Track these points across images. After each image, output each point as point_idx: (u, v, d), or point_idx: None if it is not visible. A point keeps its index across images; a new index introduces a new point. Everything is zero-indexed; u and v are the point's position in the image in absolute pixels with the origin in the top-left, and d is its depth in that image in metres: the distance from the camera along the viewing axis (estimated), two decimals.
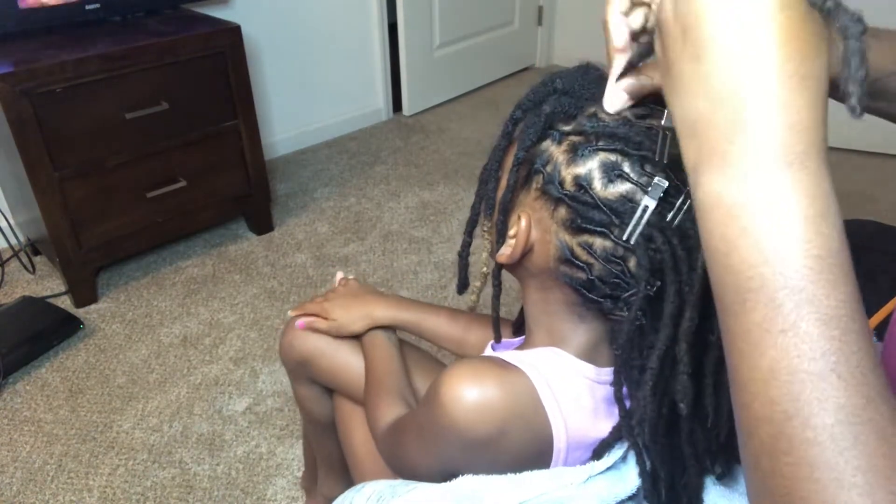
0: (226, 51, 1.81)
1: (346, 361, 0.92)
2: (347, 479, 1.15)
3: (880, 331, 0.62)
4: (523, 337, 0.69)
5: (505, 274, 0.64)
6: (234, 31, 1.81)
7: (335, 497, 1.16)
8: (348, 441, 0.95)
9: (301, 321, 0.93)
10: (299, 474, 1.32)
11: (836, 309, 0.32)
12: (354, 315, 0.90)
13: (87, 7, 1.76)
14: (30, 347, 1.61)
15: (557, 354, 0.58)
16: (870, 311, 0.65)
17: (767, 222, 0.33)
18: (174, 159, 1.82)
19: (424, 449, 0.61)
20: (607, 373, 0.58)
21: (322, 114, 2.74)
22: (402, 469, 0.68)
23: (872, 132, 2.45)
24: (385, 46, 2.81)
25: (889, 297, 0.65)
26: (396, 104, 2.97)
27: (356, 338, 0.92)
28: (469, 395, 0.55)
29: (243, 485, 1.31)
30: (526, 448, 0.56)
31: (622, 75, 0.49)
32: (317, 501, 1.21)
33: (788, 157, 0.33)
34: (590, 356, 0.59)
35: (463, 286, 0.67)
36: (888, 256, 0.86)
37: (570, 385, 0.57)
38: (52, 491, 1.30)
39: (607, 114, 0.52)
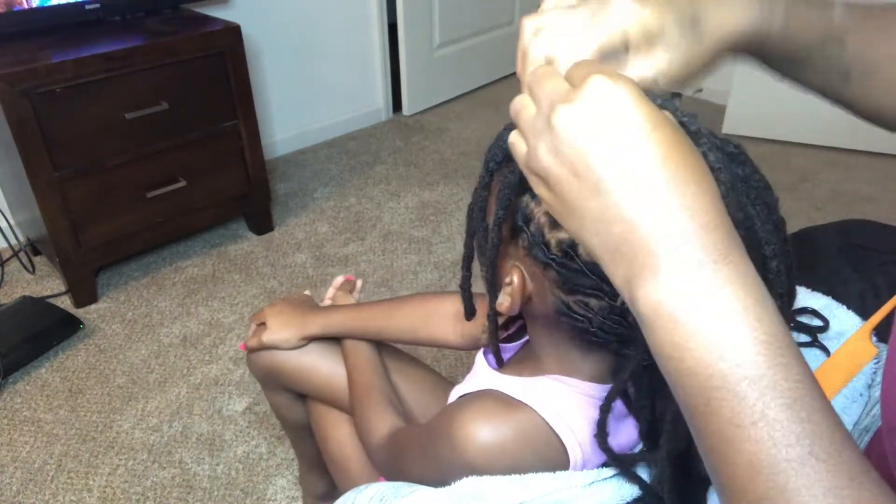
0: (226, 51, 1.81)
1: (313, 364, 0.92)
2: (329, 475, 1.16)
3: (880, 331, 0.62)
4: (523, 340, 0.69)
5: None
6: (234, 31, 1.81)
7: (319, 492, 1.17)
8: (325, 445, 0.94)
9: (241, 343, 0.94)
10: (299, 474, 1.32)
11: (796, 390, 0.33)
12: (288, 330, 0.91)
13: (87, 7, 1.76)
14: (30, 347, 1.61)
15: (560, 381, 0.58)
16: (870, 311, 0.65)
17: (711, 319, 0.34)
18: (174, 159, 1.82)
19: (430, 469, 0.62)
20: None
21: (322, 114, 2.74)
22: (403, 480, 0.68)
23: (872, 132, 2.44)
24: (385, 46, 2.81)
25: (888, 297, 0.65)
26: (396, 104, 2.97)
27: (326, 342, 0.93)
28: (482, 436, 0.55)
29: (243, 485, 1.31)
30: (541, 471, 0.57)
31: None
32: (306, 501, 1.21)
33: (712, 255, 0.35)
34: (598, 379, 0.58)
35: (471, 314, 0.65)
36: (888, 256, 0.86)
37: (577, 408, 0.57)
38: (52, 491, 1.30)
39: None
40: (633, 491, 0.56)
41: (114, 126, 1.68)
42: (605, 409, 0.54)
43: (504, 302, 0.55)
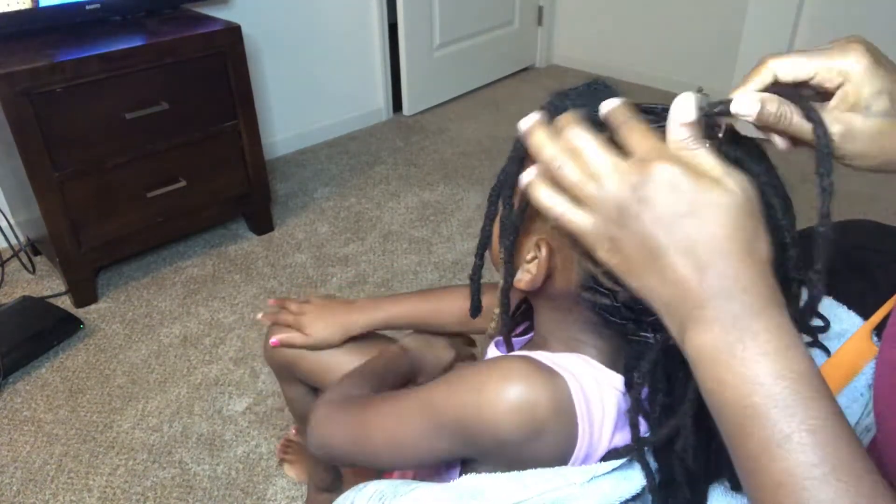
0: (226, 51, 1.81)
1: (329, 360, 0.92)
2: (334, 467, 1.16)
3: (880, 331, 0.62)
4: (530, 336, 0.68)
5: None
6: (234, 31, 1.81)
7: (324, 484, 1.18)
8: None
9: (275, 339, 0.93)
10: (307, 466, 1.32)
11: (820, 420, 0.38)
12: (331, 329, 0.91)
13: (87, 7, 1.76)
14: (30, 347, 1.61)
15: (588, 362, 0.57)
16: (870, 311, 0.65)
17: (744, 360, 0.39)
18: (174, 159, 1.82)
19: (415, 431, 0.59)
20: None
21: (322, 114, 2.74)
22: (329, 445, 0.66)
23: None
24: (385, 46, 2.81)
25: (889, 297, 0.65)
26: (396, 104, 2.97)
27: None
28: (516, 392, 0.52)
29: (243, 485, 1.31)
30: (547, 455, 0.55)
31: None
32: (310, 490, 1.22)
33: (750, 310, 0.40)
34: (614, 365, 0.57)
35: (477, 310, 0.64)
36: (888, 256, 0.86)
37: (600, 395, 0.56)
38: (52, 491, 1.30)
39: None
40: (631, 488, 0.55)
41: (114, 126, 1.68)
42: (633, 382, 0.54)
43: (524, 278, 0.55)
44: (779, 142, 0.51)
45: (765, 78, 0.50)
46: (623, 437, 0.58)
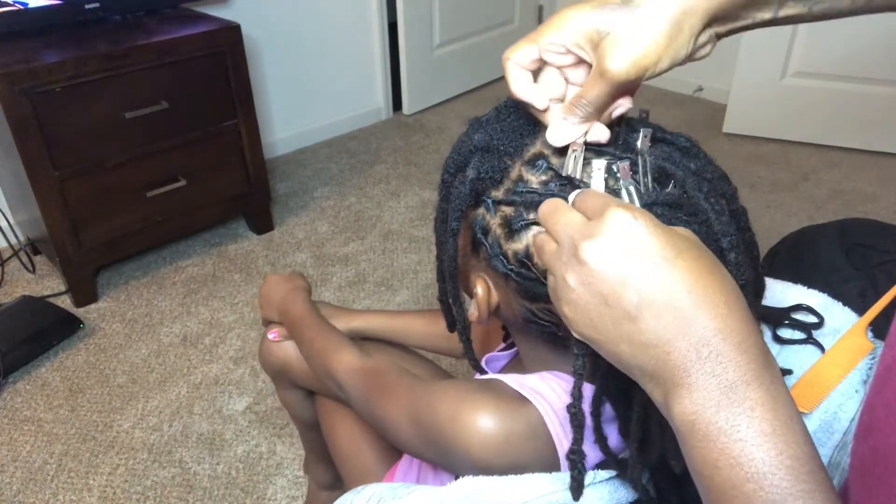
0: (226, 50, 1.81)
1: None
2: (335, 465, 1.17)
3: (876, 327, 0.62)
4: (514, 350, 0.68)
5: None
6: (233, 31, 1.81)
7: (326, 482, 1.18)
8: (333, 440, 0.96)
9: (274, 332, 0.96)
10: (299, 473, 1.32)
11: None
12: (336, 321, 0.95)
13: (87, 6, 1.76)
14: (30, 347, 1.61)
15: (560, 378, 0.57)
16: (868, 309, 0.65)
17: (740, 441, 0.35)
18: (174, 159, 1.82)
19: (414, 430, 0.61)
20: None
21: (322, 113, 2.74)
22: (375, 417, 0.67)
23: (873, 132, 2.45)
24: (385, 46, 2.81)
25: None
26: (396, 103, 2.97)
27: None
28: (486, 425, 0.53)
29: (243, 484, 1.31)
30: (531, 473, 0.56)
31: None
32: (311, 487, 1.23)
33: (745, 376, 0.36)
34: (588, 377, 0.58)
35: (452, 325, 0.65)
36: (888, 256, 0.87)
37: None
38: (52, 490, 1.30)
39: (533, 174, 0.51)
40: (629, 494, 0.55)
41: (114, 126, 1.68)
42: (594, 413, 0.53)
43: (473, 312, 0.57)
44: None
45: (517, 72, 0.51)
46: (615, 440, 0.58)
